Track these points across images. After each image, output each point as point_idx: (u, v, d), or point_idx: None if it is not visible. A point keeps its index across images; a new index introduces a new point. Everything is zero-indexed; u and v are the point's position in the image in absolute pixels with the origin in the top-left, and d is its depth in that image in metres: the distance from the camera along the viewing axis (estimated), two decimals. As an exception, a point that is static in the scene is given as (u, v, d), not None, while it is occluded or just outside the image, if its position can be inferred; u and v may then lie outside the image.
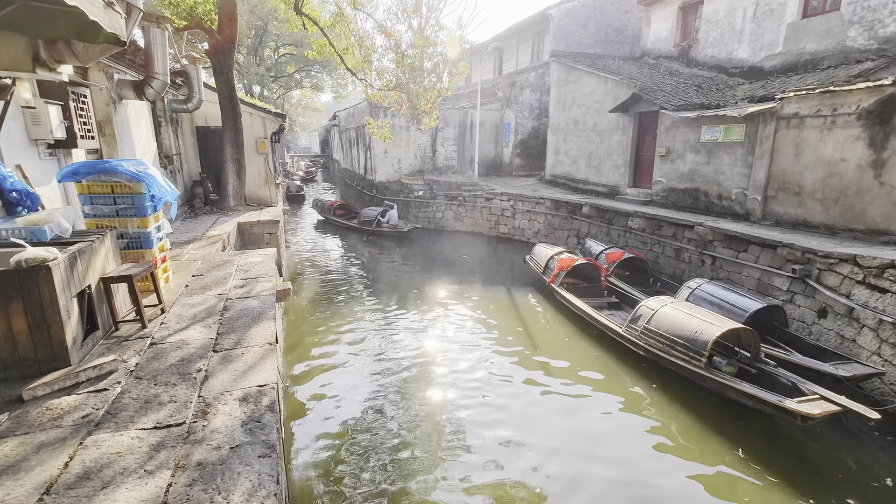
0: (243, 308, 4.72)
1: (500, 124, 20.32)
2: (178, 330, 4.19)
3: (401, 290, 10.86)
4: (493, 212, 16.10)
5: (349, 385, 6.55)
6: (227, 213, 10.46)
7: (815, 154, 8.26)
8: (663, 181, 11.68)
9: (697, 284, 7.79)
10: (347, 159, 26.91)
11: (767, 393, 5.29)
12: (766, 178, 9.13)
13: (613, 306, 9.18)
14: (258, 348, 3.82)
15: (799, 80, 10.21)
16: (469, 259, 13.84)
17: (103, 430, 2.77)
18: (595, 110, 14.16)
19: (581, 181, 15.17)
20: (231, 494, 2.26)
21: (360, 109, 21.09)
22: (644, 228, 10.93)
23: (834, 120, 7.94)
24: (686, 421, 5.74)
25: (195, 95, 9.74)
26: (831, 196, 8.08)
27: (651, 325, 6.73)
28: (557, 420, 5.81)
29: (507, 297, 10.52)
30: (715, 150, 10.22)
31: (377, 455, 5.08)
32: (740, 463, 4.97)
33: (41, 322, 3.27)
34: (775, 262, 7.83)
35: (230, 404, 3.02)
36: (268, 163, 12.43)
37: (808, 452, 5.22)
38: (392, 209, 16.71)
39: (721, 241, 8.98)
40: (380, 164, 19.05)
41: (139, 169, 4.89)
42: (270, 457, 2.51)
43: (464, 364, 7.18)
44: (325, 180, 39.58)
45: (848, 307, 6.46)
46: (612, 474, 4.83)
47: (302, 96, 42.80)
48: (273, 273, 5.90)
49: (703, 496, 4.56)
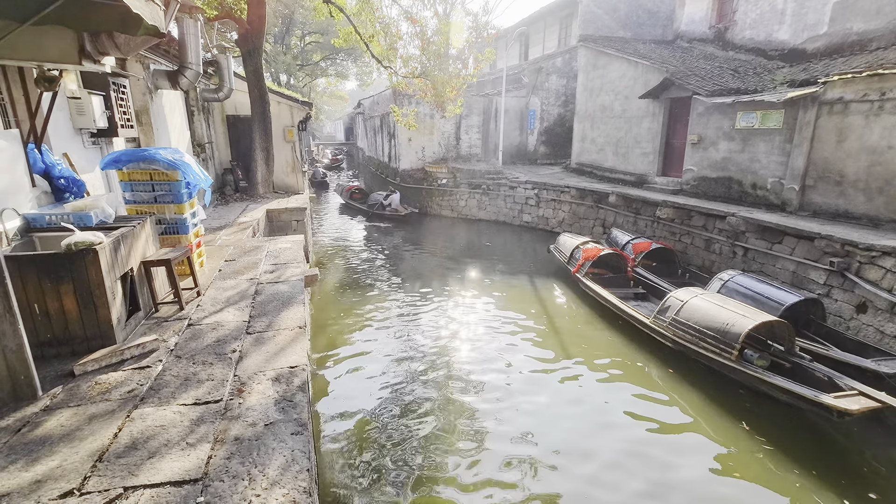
0: (274, 292, 4.87)
1: (525, 111, 20.02)
2: (213, 312, 4.37)
3: (424, 278, 10.96)
4: (516, 200, 15.97)
5: (374, 369, 6.70)
6: (256, 201, 10.73)
7: (860, 141, 7.85)
8: (694, 170, 11.33)
9: (730, 276, 7.58)
10: (372, 147, 27.08)
11: (802, 387, 5.15)
12: (804, 167, 8.75)
13: (640, 297, 9.04)
14: (288, 331, 3.95)
15: (844, 63, 9.67)
16: (492, 248, 13.81)
17: (148, 404, 2.95)
18: (624, 96, 13.78)
19: (608, 169, 14.85)
20: (267, 468, 2.38)
21: (385, 97, 21.11)
22: (673, 218, 10.66)
23: (882, 105, 7.51)
24: (714, 414, 5.65)
25: (226, 84, 9.95)
26: (875, 185, 7.69)
27: (680, 317, 6.61)
28: (580, 411, 5.81)
29: (530, 286, 10.48)
30: (750, 137, 9.83)
31: (400, 438, 5.21)
32: (770, 457, 4.88)
33: (89, 302, 3.47)
34: (812, 255, 7.54)
35: (263, 384, 3.16)
36: (295, 151, 12.64)
37: (846, 451, 5.07)
38: (395, 194, 17.74)
39: (754, 232, 8.68)
40: (404, 152, 19.10)
41: (176, 157, 5.07)
42: (302, 434, 2.62)
43: (486, 352, 7.23)
44: (349, 168, 39.95)
45: (890, 302, 6.19)
46: (636, 466, 4.82)
47: (327, 84, 43.13)
48: (301, 259, 6.05)
49: (732, 490, 4.50)
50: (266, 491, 2.24)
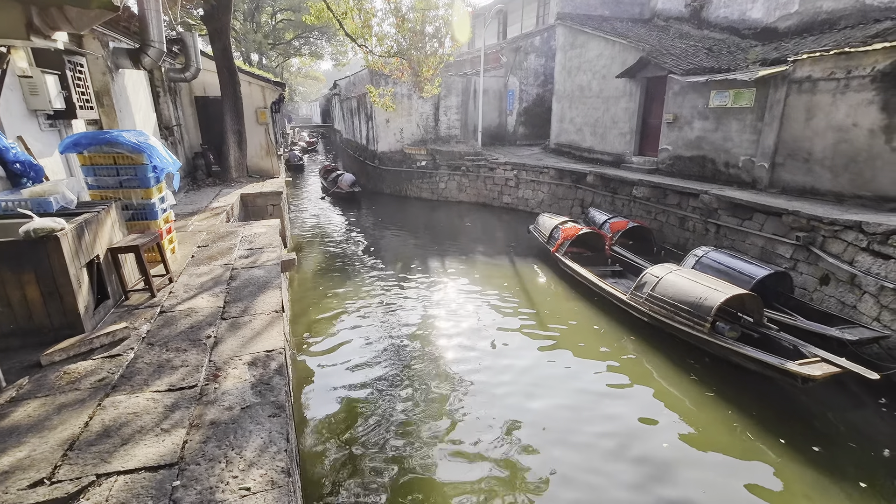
0: (249, 278, 4.79)
1: (503, 91, 19.86)
2: (186, 299, 4.28)
3: (405, 260, 10.94)
4: (496, 182, 15.97)
5: (355, 351, 6.70)
6: (230, 185, 10.45)
7: (827, 119, 8.06)
8: (670, 149, 11.49)
9: (704, 252, 7.78)
10: (349, 129, 26.55)
11: (770, 356, 5.38)
12: (774, 145, 8.96)
13: (617, 275, 9.23)
14: (265, 316, 3.90)
15: (814, 42, 9.85)
16: (473, 229, 13.84)
17: (120, 392, 2.89)
18: (601, 76, 13.79)
19: (586, 150, 14.93)
20: (244, 450, 2.37)
21: (361, 78, 20.62)
22: (649, 197, 10.84)
23: (847, 83, 7.70)
24: (688, 385, 5.86)
25: (192, 64, 9.55)
26: (841, 163, 7.94)
27: (656, 292, 6.78)
28: (560, 385, 5.96)
29: (511, 266, 10.57)
30: (724, 116, 9.99)
31: (383, 419, 5.25)
32: (739, 422, 5.11)
33: (53, 291, 3.35)
34: (780, 230, 7.79)
35: (240, 368, 3.12)
36: (269, 133, 12.29)
37: (810, 414, 5.34)
38: (345, 173, 19.75)
39: (726, 210, 8.90)
40: (382, 134, 18.80)
41: (140, 140, 4.87)
42: (280, 416, 2.62)
43: (468, 331, 7.31)
44: (326, 151, 39.16)
45: (850, 274, 6.46)
46: (614, 435, 4.98)
47: (301, 64, 41.86)
48: (277, 243, 5.95)
49: (704, 456, 4.71)
50: (243, 472, 2.23)
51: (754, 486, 4.33)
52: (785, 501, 4.18)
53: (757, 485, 4.34)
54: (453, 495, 4.23)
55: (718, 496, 4.23)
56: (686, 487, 4.31)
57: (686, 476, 4.44)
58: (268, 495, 2.11)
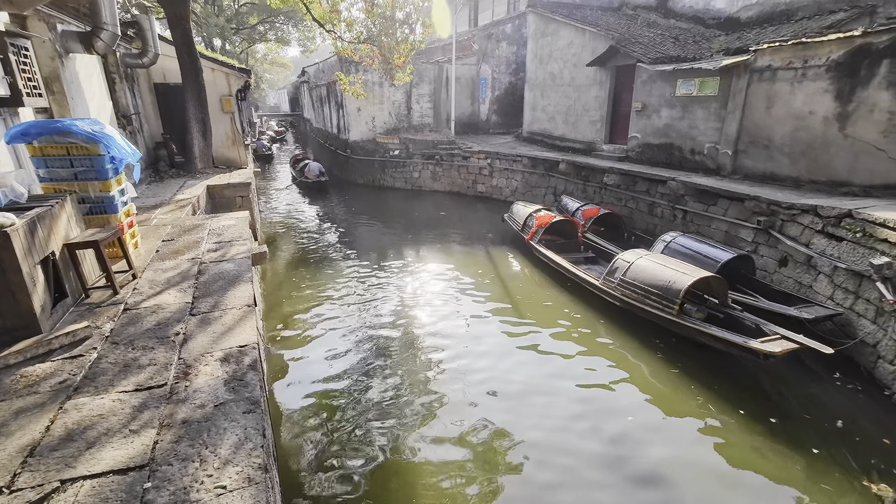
0: (219, 271, 4.64)
1: (476, 79, 19.77)
2: (151, 295, 4.11)
3: (380, 251, 10.84)
4: (470, 171, 15.96)
5: (331, 344, 6.63)
6: (195, 176, 10.06)
7: (786, 107, 8.38)
8: (639, 137, 11.72)
9: (672, 237, 8.03)
10: (319, 118, 25.92)
11: (734, 335, 5.63)
12: (737, 132, 9.27)
13: (590, 261, 9.42)
14: (236, 310, 3.80)
15: (773, 32, 10.19)
16: (448, 219, 13.82)
17: (83, 394, 2.76)
18: (573, 64, 13.89)
19: (558, 138, 15.07)
20: (218, 448, 2.31)
21: (330, 65, 20.10)
22: (619, 184, 11.06)
23: (804, 72, 8.02)
24: (655, 363, 6.08)
25: (150, 49, 9.08)
26: (798, 149, 8.29)
27: (627, 277, 6.96)
28: (536, 368, 6.07)
29: (486, 255, 10.63)
30: (689, 104, 10.25)
31: (361, 409, 5.23)
32: (704, 398, 5.34)
33: (5, 290, 3.15)
34: (742, 215, 8.10)
35: (211, 365, 3.03)
36: (234, 122, 11.86)
37: (768, 389, 5.63)
38: (311, 162, 19.36)
39: (692, 196, 9.19)
40: (353, 123, 18.44)
41: (95, 129, 4.61)
42: (255, 412, 2.56)
43: (445, 320, 7.33)
44: (296, 141, 38.16)
45: (807, 255, 6.80)
46: (586, 410, 5.13)
47: (267, 50, 40.45)
48: (247, 236, 5.78)
49: (669, 427, 4.91)
50: (218, 470, 2.18)
51: (714, 453, 4.60)
52: (742, 465, 4.43)
53: (718, 452, 4.61)
54: (432, 481, 4.27)
55: (681, 462, 4.47)
56: (651, 456, 4.52)
57: (652, 446, 4.65)
58: (245, 493, 2.07)
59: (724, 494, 4.18)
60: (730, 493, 4.20)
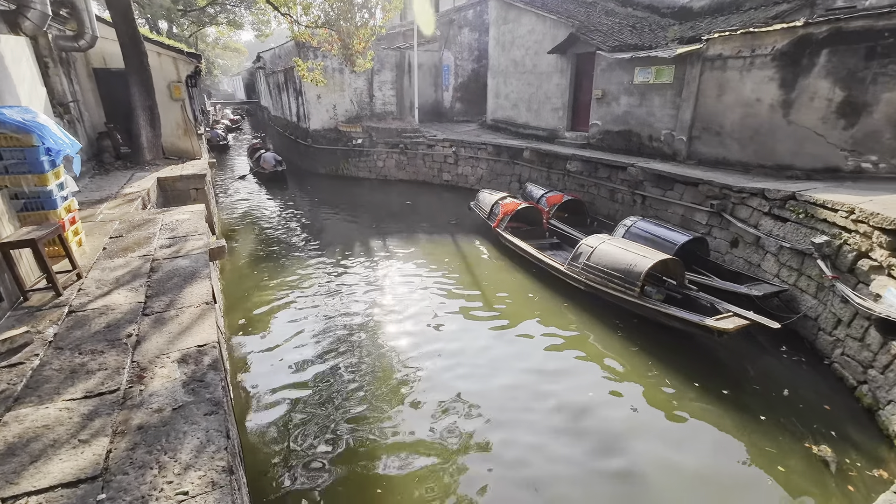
0: (173, 268, 4.41)
1: (439, 66, 19.56)
2: (99, 296, 3.86)
3: (345, 242, 10.64)
4: (435, 159, 15.86)
5: (297, 339, 6.47)
6: (144, 168, 9.49)
7: (735, 95, 8.75)
8: (599, 124, 11.97)
9: (632, 222, 8.28)
10: (277, 106, 24.98)
11: (690, 314, 5.92)
12: (691, 119, 9.61)
13: (555, 247, 9.60)
14: (194, 308, 3.62)
15: (724, 22, 10.58)
16: (414, 208, 13.72)
17: (24, 404, 2.56)
18: (534, 51, 13.95)
19: (522, 125, 15.18)
20: (178, 453, 2.21)
21: (287, 50, 19.34)
22: (581, 171, 11.28)
23: (752, 61, 8.38)
24: (616, 343, 6.31)
25: (87, 30, 8.43)
26: (747, 135, 8.70)
27: (591, 262, 7.15)
28: (505, 352, 6.17)
29: (453, 243, 10.64)
30: (647, 92, 10.53)
31: (329, 405, 5.16)
32: (661, 373, 5.60)
33: (-73, 296, 2.86)
34: (697, 199, 8.45)
35: (168, 367, 2.88)
36: (185, 110, 11.24)
37: (721, 363, 5.95)
38: (266, 151, 18.57)
39: (651, 181, 9.50)
40: (313, 111, 17.88)
41: (27, 118, 4.24)
42: (217, 413, 2.46)
43: (413, 310, 7.30)
44: (253, 130, 36.68)
45: (755, 236, 7.18)
46: (553, 394, 5.26)
47: (219, 34, 38.42)
48: (203, 230, 5.52)
49: (633, 405, 5.13)
50: (179, 476, 2.08)
51: (670, 424, 4.89)
52: (696, 434, 4.72)
53: (673, 422, 4.91)
54: (403, 473, 4.27)
55: (639, 434, 4.76)
56: (612, 430, 4.77)
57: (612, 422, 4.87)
58: (208, 497, 1.99)
59: (680, 461, 4.42)
60: (684, 458, 4.45)
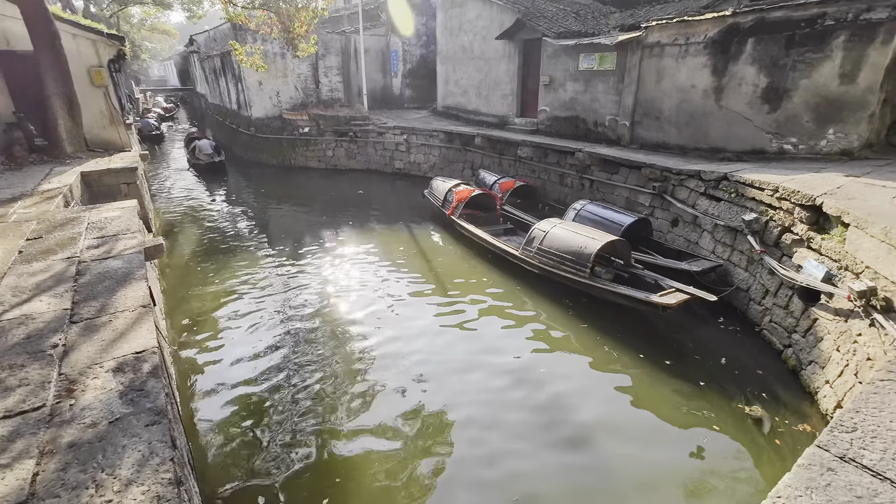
0: (103, 271, 4.06)
1: (386, 52, 19.13)
2: (16, 304, 3.48)
3: (296, 235, 10.28)
4: (387, 147, 15.59)
5: (250, 338, 6.20)
6: (65, 162, 8.64)
7: (672, 81, 9.18)
8: (547, 110, 12.19)
9: (581, 206, 8.55)
10: (215, 93, 23.52)
11: (637, 291, 6.24)
12: (633, 105, 10.00)
13: (509, 232, 9.75)
14: (129, 313, 3.35)
15: (661, 10, 11.02)
16: (366, 197, 13.45)
17: (-72, 431, 2.27)
18: (482, 37, 13.94)
19: (472, 112, 15.20)
20: (118, 469, 2.04)
21: (224, 33, 18.17)
22: (532, 157, 11.48)
23: (687, 49, 8.80)
24: (567, 321, 6.57)
25: (-16, 7, 7.47)
26: (684, 120, 9.17)
27: (543, 246, 7.32)
28: (462, 336, 6.24)
29: (408, 232, 10.55)
30: (591, 78, 10.82)
31: (286, 404, 5.00)
32: (612, 349, 5.89)
33: None
34: (640, 182, 8.84)
35: (102, 377, 2.65)
36: (109, 98, 10.32)
37: (664, 336, 6.32)
38: (200, 140, 17.19)
39: (597, 165, 9.82)
40: (255, 98, 16.99)
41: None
42: (161, 423, 2.29)
43: (369, 303, 7.19)
44: (190, 118, 34.41)
45: (693, 216, 7.63)
46: (510, 371, 5.39)
47: (144, 15, 35.45)
48: (137, 228, 5.11)
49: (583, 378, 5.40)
50: (120, 494, 1.92)
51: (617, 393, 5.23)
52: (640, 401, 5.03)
53: (620, 392, 5.25)
54: (366, 471, 4.23)
55: (589, 403, 5.09)
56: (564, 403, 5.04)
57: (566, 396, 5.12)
58: (155, 513, 1.85)
59: (625, 427, 4.75)
60: (629, 425, 4.79)
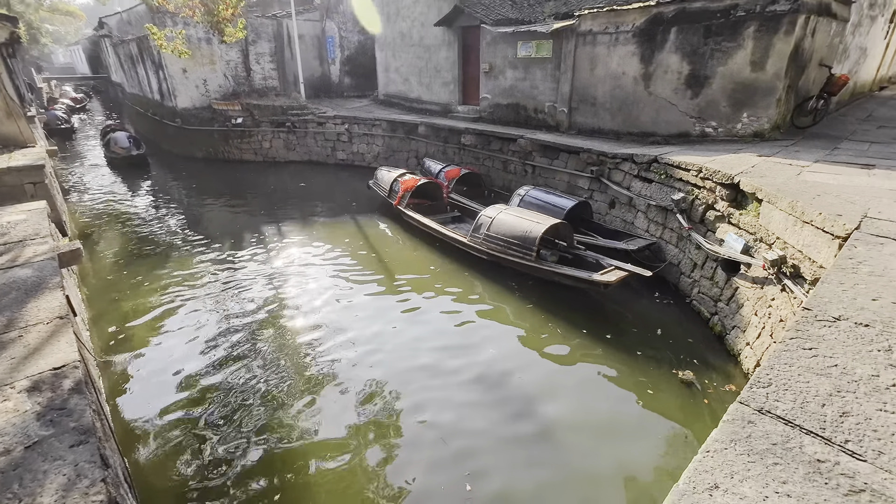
0: (9, 281, 3.63)
1: (322, 38, 18.41)
2: None
3: (233, 233, 9.73)
4: (328, 137, 15.09)
5: (189, 346, 5.83)
6: (-47, 160, 7.59)
7: (605, 69, 9.56)
8: (489, 97, 12.31)
9: (525, 191, 8.75)
10: (133, 82, 21.57)
11: (580, 272, 6.54)
12: (570, 92, 10.32)
13: (457, 220, 9.81)
14: (44, 325, 3.03)
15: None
16: (309, 190, 12.98)
17: None
18: (420, 23, 13.76)
19: (415, 100, 15.04)
20: (39, 497, 1.85)
21: (139, 15, 16.66)
22: (476, 144, 11.58)
23: (618, 37, 9.18)
24: (514, 302, 6.79)
25: None
26: (616, 106, 9.60)
27: (490, 232, 7.44)
28: (413, 326, 6.24)
29: (354, 224, 10.32)
30: (530, 65, 11.03)
31: (234, 410, 4.77)
32: (556, 326, 6.15)
33: None
34: (579, 166, 9.19)
35: (14, 399, 2.39)
36: (4, 87, 9.15)
37: (605, 311, 6.67)
38: (116, 132, 16.24)
39: (538, 151, 10.08)
40: (180, 87, 15.77)
41: None
42: (88, 442, 2.11)
43: (318, 299, 6.98)
44: (105, 110, 31.38)
45: (628, 197, 8.06)
46: (461, 354, 5.49)
47: (43, -6, 31.71)
48: (47, 232, 4.62)
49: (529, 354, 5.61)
50: (43, 525, 1.75)
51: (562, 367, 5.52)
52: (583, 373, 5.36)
53: (564, 364, 5.56)
54: (315, 461, 4.15)
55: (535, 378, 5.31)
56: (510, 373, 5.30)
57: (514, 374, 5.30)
58: (86, 540, 1.70)
59: (569, 397, 5.05)
60: (572, 394, 5.10)
